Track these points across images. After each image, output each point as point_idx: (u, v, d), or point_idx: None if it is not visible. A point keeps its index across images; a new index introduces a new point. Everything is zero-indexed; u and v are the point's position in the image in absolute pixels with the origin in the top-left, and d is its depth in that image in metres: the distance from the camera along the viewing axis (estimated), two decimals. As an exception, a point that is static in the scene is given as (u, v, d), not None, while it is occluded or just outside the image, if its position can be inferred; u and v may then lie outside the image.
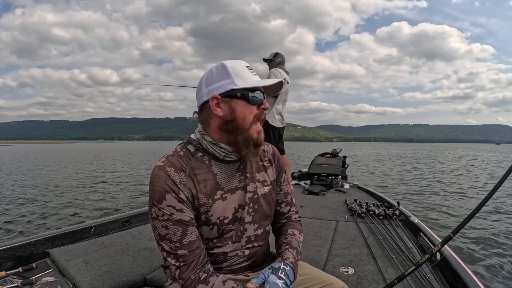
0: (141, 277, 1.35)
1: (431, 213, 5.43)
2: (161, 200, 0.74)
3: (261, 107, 0.82)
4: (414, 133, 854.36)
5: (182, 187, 0.77)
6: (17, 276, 1.31)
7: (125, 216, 2.15)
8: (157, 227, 0.76)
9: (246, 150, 0.80)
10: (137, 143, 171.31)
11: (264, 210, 0.90)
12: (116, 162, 19.23)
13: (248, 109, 0.79)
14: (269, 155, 0.96)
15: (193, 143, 0.85)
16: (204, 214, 0.80)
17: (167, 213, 0.74)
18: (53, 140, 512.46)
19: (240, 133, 0.79)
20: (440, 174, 12.55)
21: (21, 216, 5.18)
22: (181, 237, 0.75)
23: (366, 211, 2.42)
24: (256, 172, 0.90)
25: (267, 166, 0.93)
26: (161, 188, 0.75)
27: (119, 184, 9.30)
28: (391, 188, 8.60)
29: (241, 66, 0.81)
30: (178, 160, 0.79)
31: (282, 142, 3.38)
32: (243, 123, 0.79)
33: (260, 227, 0.91)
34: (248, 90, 0.79)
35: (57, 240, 1.67)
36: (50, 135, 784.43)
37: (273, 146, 1.00)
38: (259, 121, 0.83)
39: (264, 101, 0.82)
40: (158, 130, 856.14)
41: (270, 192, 0.92)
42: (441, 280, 1.33)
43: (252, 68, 0.83)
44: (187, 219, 0.76)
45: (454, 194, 7.41)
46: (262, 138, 0.83)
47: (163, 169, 0.76)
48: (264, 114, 0.84)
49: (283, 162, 1.02)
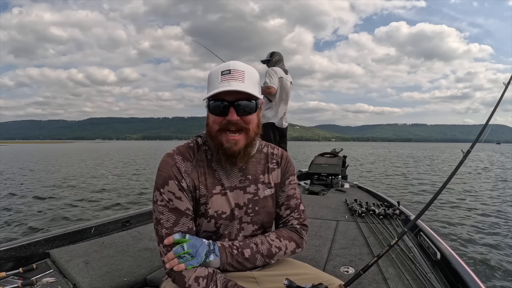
0: (142, 278, 1.35)
1: (432, 212, 5.43)
2: (164, 185, 0.79)
3: (227, 118, 0.77)
4: (412, 132, 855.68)
5: (185, 176, 0.81)
6: (17, 276, 1.31)
7: (126, 216, 2.15)
8: (155, 211, 0.80)
9: (218, 157, 0.83)
10: (135, 143, 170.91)
11: (266, 211, 0.90)
12: (116, 162, 19.23)
13: (212, 118, 0.80)
14: (277, 158, 0.95)
15: (202, 136, 0.90)
16: (204, 205, 0.83)
17: (166, 199, 0.79)
18: (51, 140, 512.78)
19: (212, 139, 0.82)
20: (441, 174, 12.55)
21: (21, 216, 5.17)
22: (173, 225, 0.78)
23: (366, 211, 2.42)
24: (261, 174, 0.90)
25: (273, 169, 0.93)
26: (166, 174, 0.80)
27: (119, 184, 9.30)
28: (391, 188, 8.60)
29: (216, 72, 0.79)
30: (187, 151, 0.85)
31: (285, 142, 3.31)
32: (211, 130, 0.81)
33: (261, 228, 0.91)
34: (210, 99, 0.78)
35: (58, 240, 1.67)
36: (48, 135, 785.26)
37: (284, 150, 0.99)
38: (230, 131, 0.78)
39: (231, 110, 0.76)
40: (156, 129, 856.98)
41: (273, 195, 0.92)
42: (441, 279, 1.33)
43: (230, 71, 0.77)
44: (183, 209, 0.80)
45: (454, 194, 7.41)
46: (235, 148, 0.79)
47: (171, 157, 0.82)
48: (237, 124, 0.78)
49: (293, 167, 0.99)
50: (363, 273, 0.92)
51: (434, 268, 1.42)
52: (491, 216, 5.18)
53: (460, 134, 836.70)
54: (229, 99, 0.77)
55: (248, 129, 0.80)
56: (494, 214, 5.29)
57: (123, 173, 12.51)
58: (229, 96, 0.77)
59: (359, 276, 0.91)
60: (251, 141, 0.82)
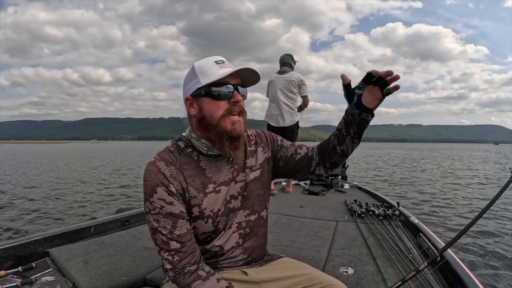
0: (141, 277, 1.35)
1: (431, 213, 5.42)
2: (152, 194, 0.77)
3: (231, 100, 0.80)
4: (407, 133, 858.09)
5: (172, 180, 0.79)
6: (16, 275, 1.31)
7: (125, 215, 2.15)
8: (150, 221, 0.78)
9: (220, 145, 0.81)
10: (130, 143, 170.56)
11: (255, 194, 0.91)
12: (116, 162, 19.24)
13: (214, 105, 0.79)
14: (254, 138, 0.97)
15: (183, 139, 0.88)
16: (197, 207, 0.82)
17: (158, 207, 0.77)
18: (46, 140, 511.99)
19: (211, 129, 0.80)
20: (443, 174, 12.55)
21: (20, 215, 5.17)
22: (172, 229, 0.77)
23: (366, 212, 2.42)
24: (247, 159, 0.91)
25: (254, 150, 0.94)
26: (152, 182, 0.78)
27: (119, 183, 9.30)
28: (391, 188, 8.60)
29: (208, 62, 0.81)
30: (168, 155, 0.83)
31: (294, 140, 3.37)
32: (211, 119, 0.80)
33: (254, 212, 0.92)
34: (212, 86, 0.78)
35: (57, 239, 1.67)
36: (43, 135, 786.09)
37: (256, 129, 1.01)
38: (233, 114, 0.80)
39: (235, 93, 0.80)
40: (152, 130, 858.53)
41: (260, 176, 0.93)
42: (441, 281, 1.33)
43: (224, 61, 0.81)
44: (177, 212, 0.78)
45: (454, 195, 7.41)
46: (239, 129, 0.80)
47: (154, 164, 0.80)
48: (240, 106, 0.81)
49: (272, 134, 1.01)
50: None
51: (435, 271, 1.42)
52: (495, 218, 5.17)
53: (455, 134, 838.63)
54: (233, 83, 0.80)
55: (245, 112, 0.84)
56: (493, 213, 5.29)
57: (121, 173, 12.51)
58: (233, 80, 0.80)
59: None
60: (246, 124, 0.85)
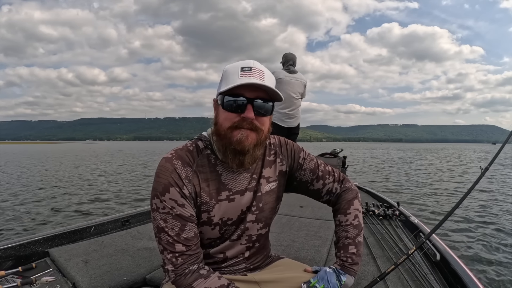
0: (141, 277, 1.35)
1: (432, 213, 5.43)
2: (164, 192, 0.74)
3: (242, 114, 0.72)
4: (402, 133, 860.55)
5: (187, 183, 0.75)
6: (16, 275, 1.31)
7: (125, 216, 2.15)
8: (157, 219, 0.75)
9: (224, 157, 0.78)
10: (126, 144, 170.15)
11: (269, 207, 0.87)
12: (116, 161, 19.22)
13: (224, 115, 0.75)
14: (275, 147, 0.91)
15: (203, 139, 0.83)
16: (206, 213, 0.79)
17: (168, 206, 0.74)
18: (41, 141, 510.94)
19: (221, 138, 0.76)
20: (443, 174, 12.56)
21: (20, 215, 5.17)
22: (179, 232, 0.74)
23: (366, 212, 2.41)
24: (263, 169, 0.87)
25: (272, 161, 0.89)
26: (166, 181, 0.74)
27: (119, 183, 9.29)
28: (391, 188, 8.60)
29: (234, 67, 0.75)
30: (186, 155, 0.78)
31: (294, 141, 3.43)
32: (220, 128, 0.76)
33: (266, 226, 0.89)
34: (227, 95, 0.73)
35: (57, 239, 1.67)
36: (38, 135, 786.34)
37: (280, 136, 0.95)
38: (241, 128, 0.73)
39: (248, 107, 0.72)
40: (148, 130, 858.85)
41: (277, 188, 0.89)
42: (441, 280, 1.33)
43: (252, 69, 0.73)
44: (187, 215, 0.75)
45: (455, 194, 7.41)
46: (245, 144, 0.73)
47: (170, 162, 0.76)
48: (251, 123, 0.73)
49: (295, 145, 0.95)
50: (379, 280, 0.95)
51: (433, 269, 1.42)
52: (491, 215, 5.18)
53: (450, 134, 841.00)
54: (248, 96, 0.73)
55: (261, 130, 0.76)
56: (494, 213, 5.30)
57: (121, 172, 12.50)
58: (249, 93, 0.73)
59: (375, 283, 0.94)
60: (260, 142, 0.77)
